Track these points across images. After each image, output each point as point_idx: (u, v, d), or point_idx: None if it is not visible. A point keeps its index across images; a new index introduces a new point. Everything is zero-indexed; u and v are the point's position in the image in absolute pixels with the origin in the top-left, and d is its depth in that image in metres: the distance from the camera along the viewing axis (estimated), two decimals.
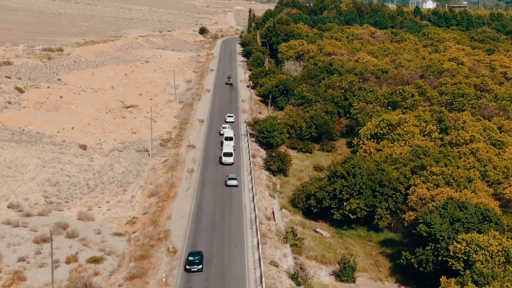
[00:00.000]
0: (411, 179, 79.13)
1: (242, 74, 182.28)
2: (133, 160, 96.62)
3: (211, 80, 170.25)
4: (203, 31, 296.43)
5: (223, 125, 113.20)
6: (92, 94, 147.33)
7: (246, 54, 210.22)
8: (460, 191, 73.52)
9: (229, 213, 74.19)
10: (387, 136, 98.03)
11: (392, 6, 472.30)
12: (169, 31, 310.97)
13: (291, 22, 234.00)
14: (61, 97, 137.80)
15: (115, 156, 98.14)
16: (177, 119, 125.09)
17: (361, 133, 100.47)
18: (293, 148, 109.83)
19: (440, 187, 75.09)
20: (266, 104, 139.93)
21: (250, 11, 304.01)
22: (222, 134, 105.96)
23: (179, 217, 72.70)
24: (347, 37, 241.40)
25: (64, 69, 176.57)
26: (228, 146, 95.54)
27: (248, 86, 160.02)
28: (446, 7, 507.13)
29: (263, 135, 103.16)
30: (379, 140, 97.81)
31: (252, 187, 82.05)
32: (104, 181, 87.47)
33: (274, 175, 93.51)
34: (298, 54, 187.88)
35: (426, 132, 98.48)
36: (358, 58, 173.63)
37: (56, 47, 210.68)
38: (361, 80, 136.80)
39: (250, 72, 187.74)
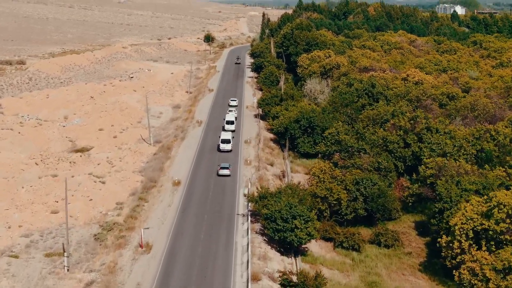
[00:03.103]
0: None
1: (249, 96, 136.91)
2: (30, 280, 51.49)
3: (206, 106, 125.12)
4: (208, 38, 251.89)
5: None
6: (33, 128, 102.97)
7: (257, 68, 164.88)
8: None
9: None
10: (507, 235, 52.11)
11: (424, 11, 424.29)
12: (169, 38, 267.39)
13: (313, 28, 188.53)
14: None
15: None
16: (141, 176, 79.80)
17: (456, 229, 54.32)
18: (327, 240, 63.95)
19: None
20: (282, 147, 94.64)
21: (263, 15, 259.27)
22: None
23: None
24: (381, 46, 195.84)
25: (12, 89, 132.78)
26: None
27: (256, 116, 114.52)
28: (475, 12, 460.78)
29: (275, 226, 57.33)
30: (492, 245, 52.03)
31: None
32: None
33: None
34: (324, 69, 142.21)
35: None
36: (407, 75, 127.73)
37: (18, 59, 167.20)
38: (421, 111, 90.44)
39: (260, 92, 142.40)
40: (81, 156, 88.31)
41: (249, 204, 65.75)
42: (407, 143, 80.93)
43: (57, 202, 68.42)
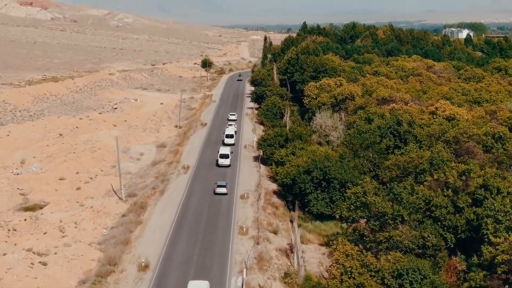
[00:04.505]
0: None
1: (248, 132, 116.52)
2: None
3: (197, 145, 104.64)
4: (205, 64, 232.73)
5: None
6: None
7: (257, 98, 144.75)
8: None
9: None
10: None
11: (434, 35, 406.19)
12: (164, 63, 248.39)
13: (321, 52, 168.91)
14: None
15: None
16: (100, 251, 58.83)
17: None
18: None
19: None
20: (288, 203, 73.96)
21: (265, 39, 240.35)
22: None
23: None
24: (396, 72, 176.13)
25: None
26: None
27: (256, 159, 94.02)
28: (484, 36, 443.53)
29: None
30: None
31: None
32: None
33: None
34: (336, 100, 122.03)
35: None
36: (435, 108, 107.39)
37: None
38: (475, 162, 69.60)
39: (261, 127, 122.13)
40: (25, 220, 67.41)
41: None
42: (458, 207, 60.00)
43: None
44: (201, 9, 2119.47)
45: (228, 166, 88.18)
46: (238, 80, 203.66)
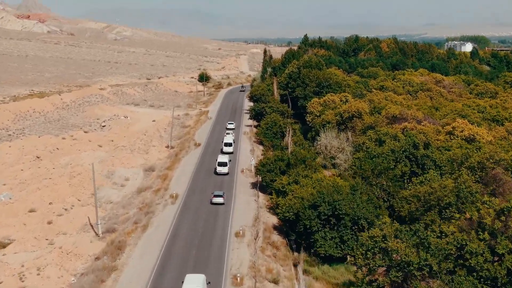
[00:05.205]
0: None
1: (246, 153, 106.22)
2: None
3: (188, 168, 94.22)
4: (202, 78, 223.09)
5: None
6: None
7: (257, 115, 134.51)
8: None
9: None
10: None
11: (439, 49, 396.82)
12: (159, 77, 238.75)
13: (324, 66, 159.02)
14: None
15: None
16: None
17: None
18: None
19: None
20: (291, 242, 63.57)
21: (265, 51, 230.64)
22: None
23: None
24: (403, 87, 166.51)
25: None
26: None
27: (254, 186, 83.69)
28: (486, 49, 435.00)
29: None
30: None
31: None
32: None
33: None
34: (341, 117, 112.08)
35: None
36: (453, 127, 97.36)
37: None
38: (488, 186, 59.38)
39: (260, 147, 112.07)
40: None
41: None
42: (497, 253, 49.62)
43: None
44: (202, 22, 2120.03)
45: (226, 174, 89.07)
46: (240, 91, 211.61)
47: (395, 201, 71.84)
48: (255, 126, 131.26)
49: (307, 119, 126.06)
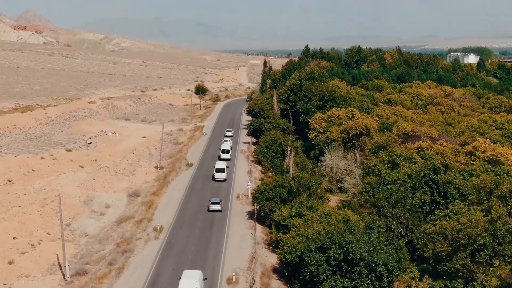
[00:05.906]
0: None
1: (242, 175, 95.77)
2: None
3: (178, 193, 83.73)
4: (199, 90, 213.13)
5: None
6: None
7: (255, 131, 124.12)
8: None
9: None
10: None
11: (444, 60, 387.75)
12: (154, 90, 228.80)
13: (327, 78, 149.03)
14: None
15: None
16: None
17: None
18: None
19: None
20: None
21: (265, 63, 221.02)
22: None
23: None
24: (411, 100, 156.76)
25: None
26: None
27: (251, 216, 73.15)
28: (490, 61, 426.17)
29: None
30: None
31: None
32: None
33: None
34: (348, 135, 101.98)
35: None
36: (474, 147, 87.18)
37: None
38: None
39: (259, 168, 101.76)
40: None
41: None
42: None
43: None
44: (203, 33, 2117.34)
45: (224, 180, 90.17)
46: (246, 100, 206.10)
47: (414, 236, 61.66)
48: (254, 143, 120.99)
49: (309, 136, 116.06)
